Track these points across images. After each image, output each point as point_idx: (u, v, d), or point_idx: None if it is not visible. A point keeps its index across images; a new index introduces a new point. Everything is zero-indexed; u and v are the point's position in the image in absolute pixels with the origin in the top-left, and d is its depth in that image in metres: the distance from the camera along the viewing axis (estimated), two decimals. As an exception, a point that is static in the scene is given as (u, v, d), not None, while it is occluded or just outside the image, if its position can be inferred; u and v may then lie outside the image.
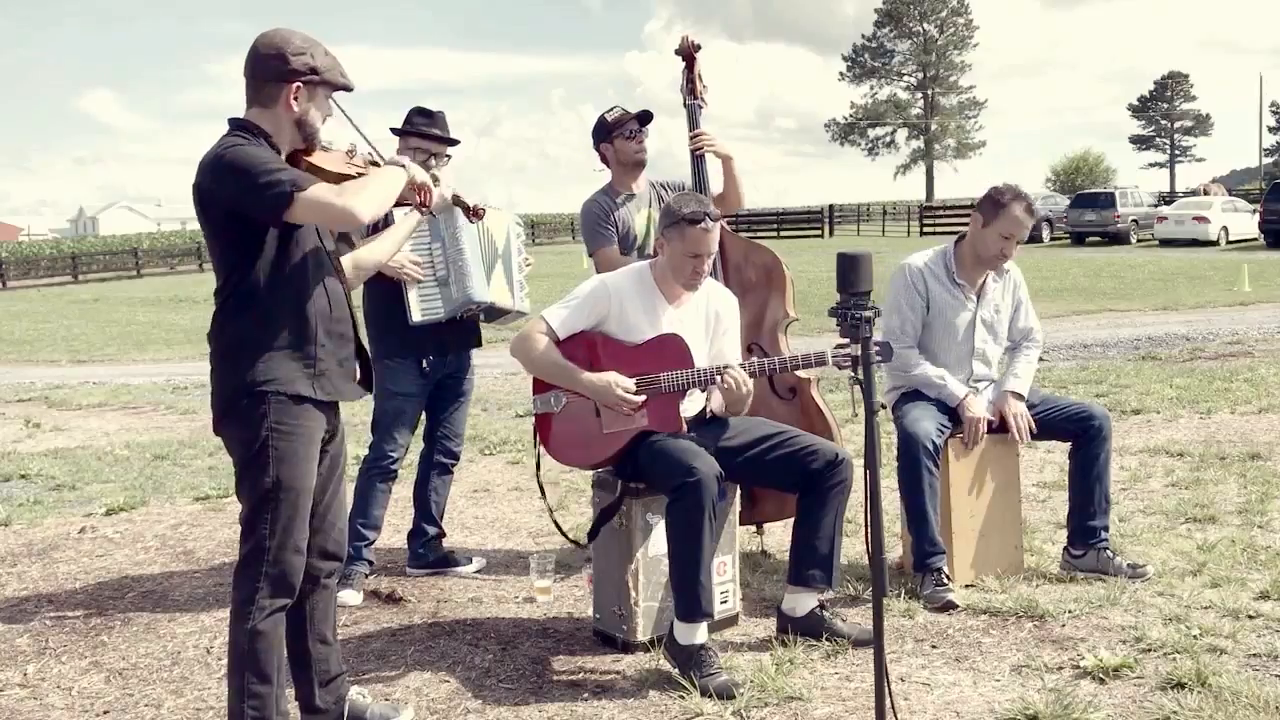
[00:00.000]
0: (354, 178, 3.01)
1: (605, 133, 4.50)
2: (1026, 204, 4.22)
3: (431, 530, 4.73)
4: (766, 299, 4.47)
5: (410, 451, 4.66)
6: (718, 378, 3.66)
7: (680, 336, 3.72)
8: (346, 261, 3.14)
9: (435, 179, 3.29)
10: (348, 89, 2.99)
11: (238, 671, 2.89)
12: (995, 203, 4.22)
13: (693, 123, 4.54)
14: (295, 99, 2.87)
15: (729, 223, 4.46)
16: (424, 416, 4.63)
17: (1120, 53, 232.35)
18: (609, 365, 3.70)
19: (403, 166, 3.03)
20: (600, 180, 4.59)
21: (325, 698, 3.14)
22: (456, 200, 3.61)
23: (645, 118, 4.50)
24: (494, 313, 4.49)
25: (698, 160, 4.50)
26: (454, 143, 4.50)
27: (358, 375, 3.06)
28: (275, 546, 2.86)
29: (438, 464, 4.68)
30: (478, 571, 4.74)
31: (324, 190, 2.76)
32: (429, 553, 4.73)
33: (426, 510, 4.72)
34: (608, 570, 3.84)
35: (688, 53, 4.59)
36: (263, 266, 2.84)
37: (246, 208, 2.78)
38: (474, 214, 3.66)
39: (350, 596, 4.31)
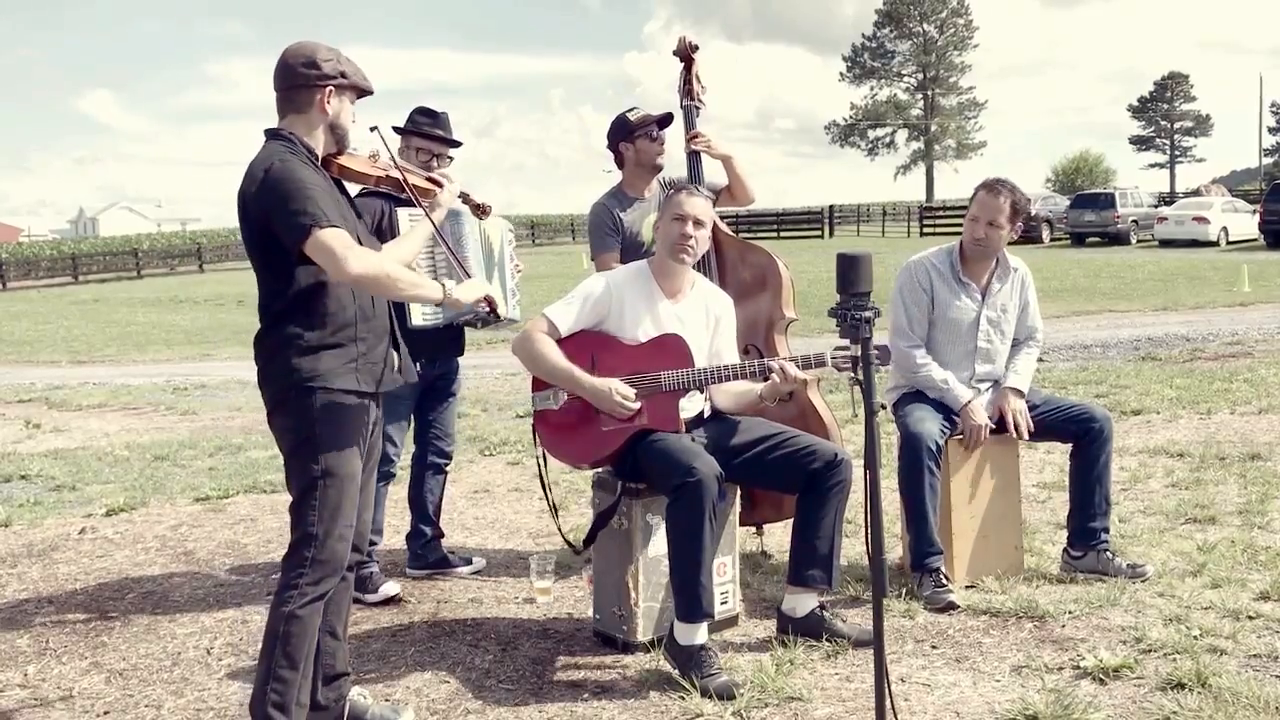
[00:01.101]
0: (382, 178, 3.25)
1: (627, 132, 4.47)
2: (989, 186, 4.28)
3: (429, 531, 4.74)
4: (762, 299, 4.46)
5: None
6: (768, 370, 3.69)
7: (681, 337, 3.73)
8: None
9: (447, 178, 3.44)
10: (370, 92, 3.15)
11: (268, 653, 2.95)
12: (974, 190, 4.37)
13: (689, 124, 4.54)
14: (329, 102, 3.02)
15: (727, 222, 4.46)
16: (414, 419, 4.63)
17: (1120, 53, 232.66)
18: (610, 364, 3.70)
19: (440, 288, 3.05)
20: (609, 181, 4.58)
21: (327, 695, 3.16)
22: (465, 198, 3.69)
23: (666, 121, 4.49)
24: (489, 320, 4.47)
25: (693, 159, 4.50)
26: (456, 144, 4.49)
27: (397, 364, 3.18)
28: (323, 533, 2.96)
29: (431, 465, 4.69)
30: (477, 572, 4.75)
31: (335, 240, 2.85)
32: (428, 553, 4.74)
33: (423, 512, 4.72)
34: (608, 571, 3.84)
35: (685, 54, 4.59)
36: (305, 269, 2.95)
37: (276, 230, 2.91)
38: (481, 211, 3.79)
39: (390, 587, 4.41)
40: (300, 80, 3.01)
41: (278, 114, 3.06)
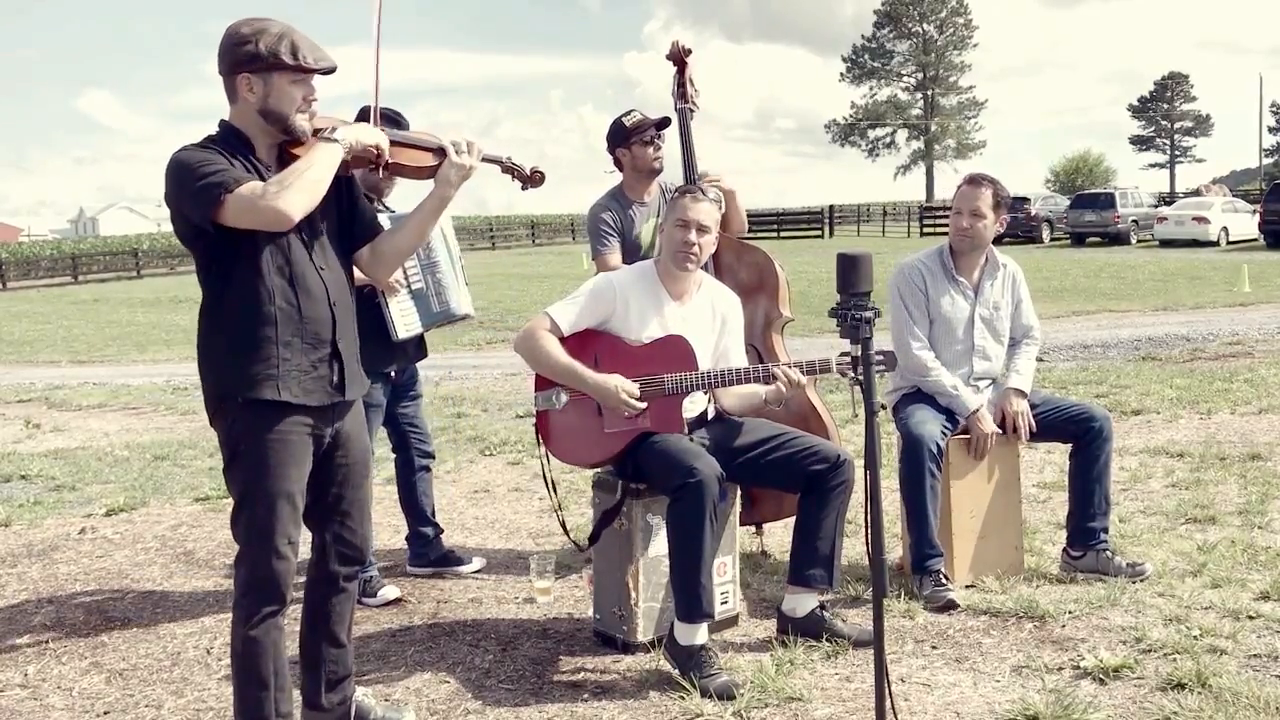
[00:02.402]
0: (351, 161, 2.89)
1: (623, 138, 4.45)
2: (969, 179, 4.39)
3: (430, 532, 4.73)
4: (760, 299, 4.46)
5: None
6: (771, 375, 3.67)
7: (685, 339, 3.72)
8: (364, 251, 3.04)
9: (466, 145, 2.98)
10: (305, 70, 2.80)
11: (234, 672, 2.91)
12: (956, 186, 4.46)
13: (683, 127, 4.53)
14: (250, 90, 2.80)
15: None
16: (387, 424, 4.60)
17: (1120, 53, 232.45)
18: (613, 365, 3.70)
19: (335, 141, 2.83)
20: (610, 181, 4.58)
21: (331, 698, 3.13)
22: (513, 171, 3.22)
23: (664, 124, 4.47)
24: (458, 320, 4.44)
25: (688, 162, 4.49)
26: None
27: (334, 378, 2.91)
28: (255, 549, 2.83)
29: (421, 466, 4.69)
30: (478, 572, 4.74)
31: (250, 189, 2.66)
32: (430, 552, 4.74)
33: (421, 515, 4.71)
34: (608, 571, 3.84)
35: (678, 57, 4.59)
36: (224, 272, 2.79)
37: (186, 212, 2.75)
38: (533, 180, 3.28)
39: (390, 591, 4.39)
40: (221, 70, 2.82)
41: None
